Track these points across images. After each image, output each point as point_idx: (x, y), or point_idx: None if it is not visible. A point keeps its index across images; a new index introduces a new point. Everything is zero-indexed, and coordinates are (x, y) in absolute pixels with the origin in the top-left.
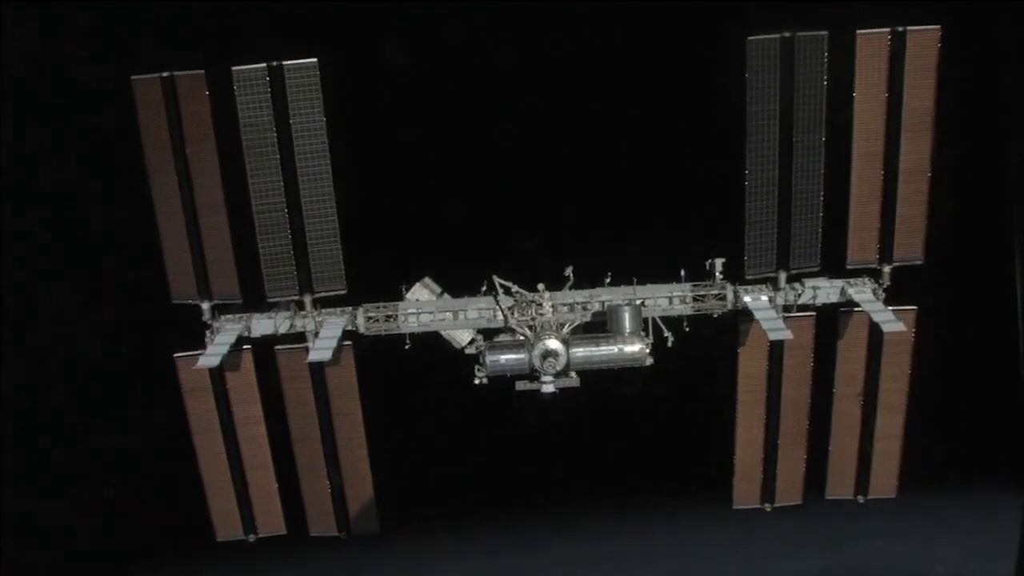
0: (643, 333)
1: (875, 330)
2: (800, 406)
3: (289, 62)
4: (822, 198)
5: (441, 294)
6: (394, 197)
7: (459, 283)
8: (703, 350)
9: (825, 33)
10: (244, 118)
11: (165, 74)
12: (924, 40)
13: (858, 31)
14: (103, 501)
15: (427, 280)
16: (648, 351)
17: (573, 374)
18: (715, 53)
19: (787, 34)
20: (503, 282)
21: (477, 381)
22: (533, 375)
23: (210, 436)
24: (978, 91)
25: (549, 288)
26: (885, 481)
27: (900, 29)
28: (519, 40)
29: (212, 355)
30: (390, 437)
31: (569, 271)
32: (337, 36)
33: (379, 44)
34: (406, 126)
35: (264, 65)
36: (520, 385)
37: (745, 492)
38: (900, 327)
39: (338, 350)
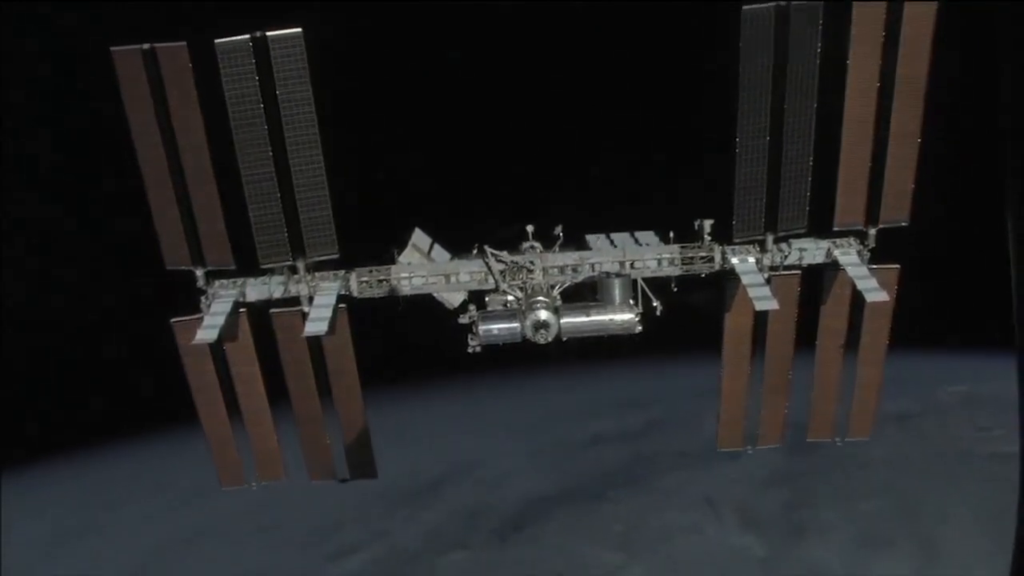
0: (632, 302)
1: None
2: (783, 358)
3: (273, 33)
4: (811, 162)
5: (432, 245)
6: (384, 160)
7: (451, 242)
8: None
9: (820, 3)
10: (229, 90)
11: (146, 46)
12: (921, 11)
13: (854, 1)
14: None
15: (417, 233)
16: (638, 319)
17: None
18: (712, 19)
19: (782, 3)
20: (495, 251)
21: (470, 350)
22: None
23: (210, 394)
24: (975, 63)
25: (537, 235)
26: (861, 425)
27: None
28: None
29: (209, 327)
30: None
31: (559, 230)
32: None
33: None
34: (396, 100)
35: (247, 36)
36: None
37: (728, 437)
38: (883, 296)
39: (333, 319)
